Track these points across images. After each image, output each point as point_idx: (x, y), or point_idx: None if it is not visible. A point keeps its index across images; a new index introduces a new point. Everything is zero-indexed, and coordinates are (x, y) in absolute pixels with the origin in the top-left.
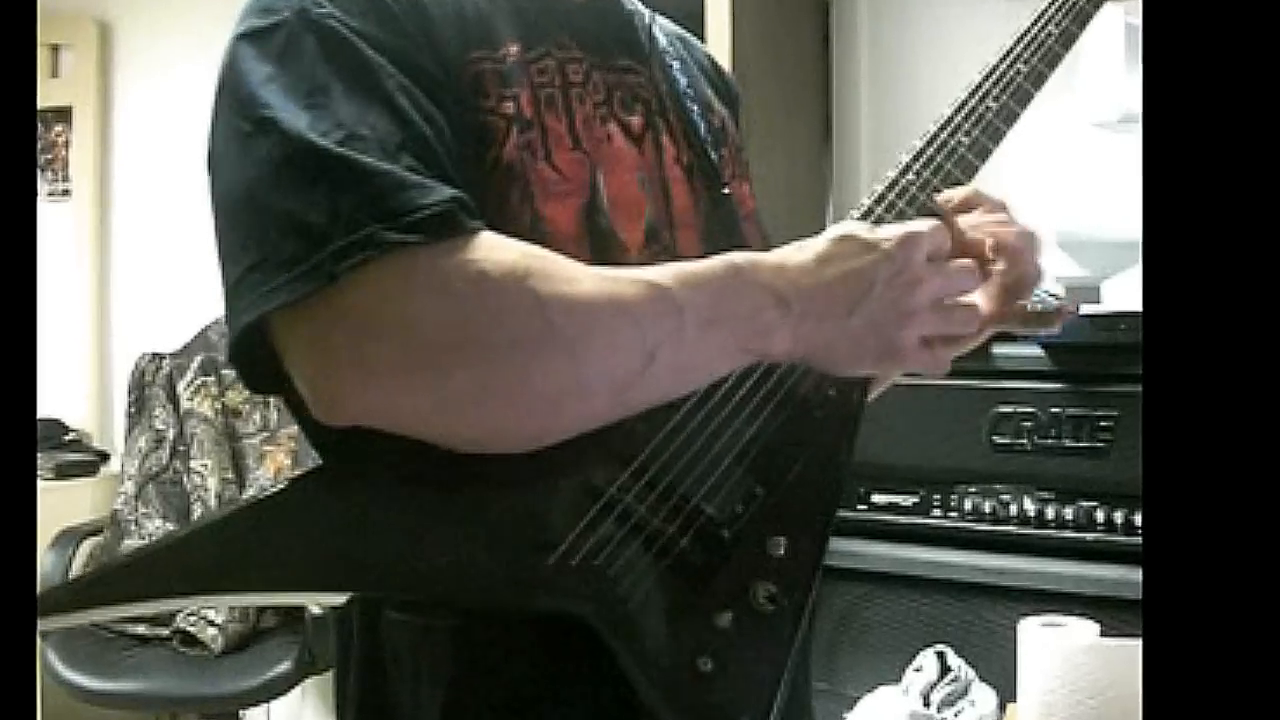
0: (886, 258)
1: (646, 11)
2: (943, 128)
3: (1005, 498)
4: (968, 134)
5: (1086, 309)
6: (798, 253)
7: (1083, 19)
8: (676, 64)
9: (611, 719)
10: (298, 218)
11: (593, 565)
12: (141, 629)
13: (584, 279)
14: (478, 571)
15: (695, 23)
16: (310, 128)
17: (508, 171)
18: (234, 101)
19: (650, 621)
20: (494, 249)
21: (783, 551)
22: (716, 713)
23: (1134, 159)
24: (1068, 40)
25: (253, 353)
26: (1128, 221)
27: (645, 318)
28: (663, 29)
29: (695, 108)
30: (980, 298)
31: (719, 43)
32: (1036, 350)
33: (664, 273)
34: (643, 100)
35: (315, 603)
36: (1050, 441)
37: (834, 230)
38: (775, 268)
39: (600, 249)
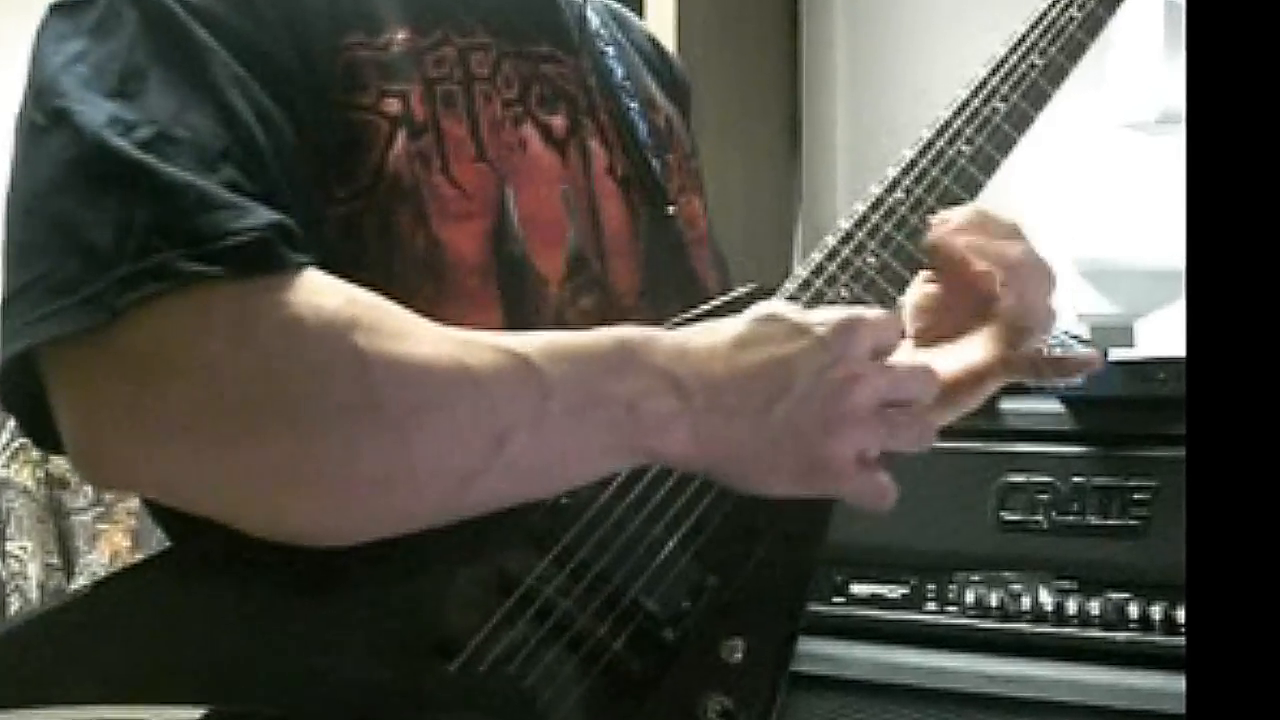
0: (819, 346)
1: None
2: (939, 134)
3: (1016, 588)
4: (970, 142)
5: (1116, 354)
6: (707, 334)
7: (1112, 1)
8: (611, 50)
9: None
10: (81, 234)
11: (504, 674)
12: None
13: (424, 338)
14: (360, 682)
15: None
16: (109, 125)
17: (393, 186)
18: (32, 86)
19: None
20: (315, 292)
21: (740, 656)
22: None
23: (1175, 167)
24: (1093, 26)
25: (23, 393)
26: (1168, 245)
27: (498, 394)
28: (594, 6)
29: (634, 105)
30: (985, 341)
31: (661, 23)
32: (1055, 406)
33: (530, 342)
34: (567, 96)
35: (161, 718)
36: (1072, 518)
37: (756, 309)
38: (676, 349)
39: (512, 283)
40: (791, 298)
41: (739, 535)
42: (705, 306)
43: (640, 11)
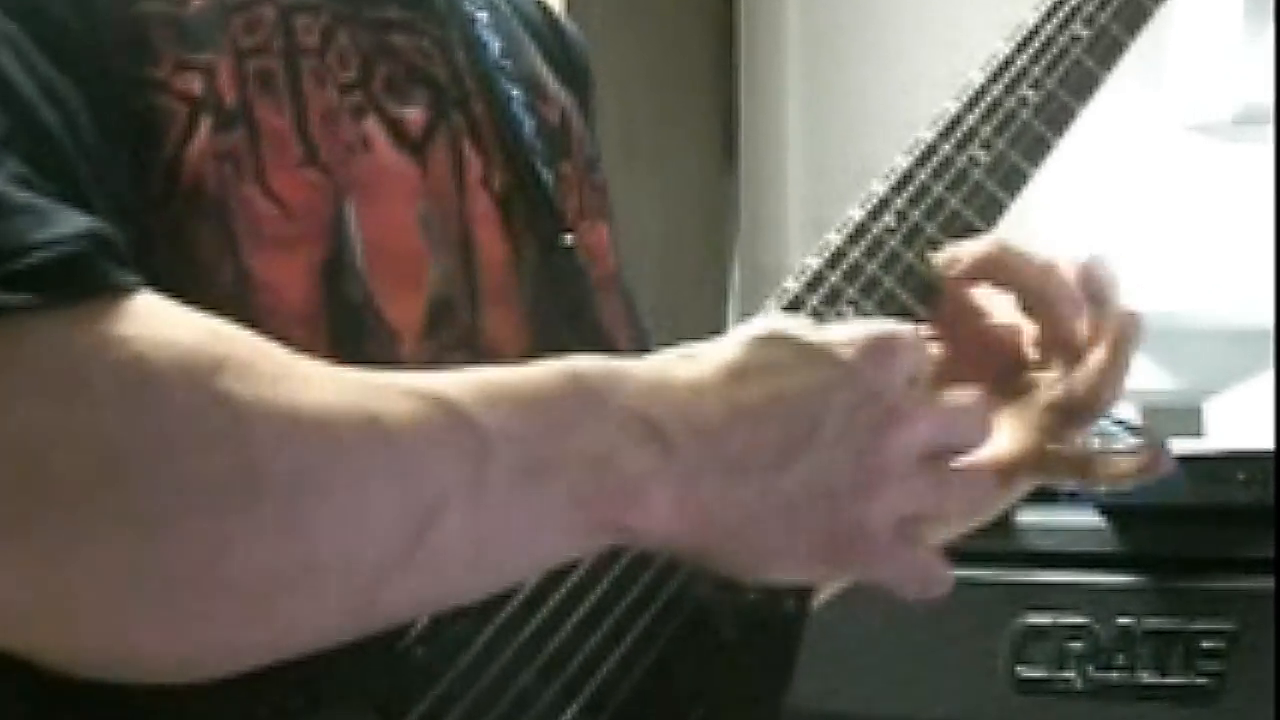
0: (846, 376)
1: None
2: (943, 134)
3: None
4: (988, 146)
5: (1178, 447)
6: (689, 363)
7: None
8: (484, 15)
9: None
10: None
11: None
12: None
13: (316, 382)
14: None
15: None
16: None
17: (192, 195)
18: None
19: None
20: (158, 321)
21: None
22: None
23: (1259, 179)
24: None
25: None
26: (1249, 293)
27: (423, 457)
28: None
29: (516, 92)
30: (1011, 426)
31: None
32: (1093, 519)
33: (460, 383)
34: (426, 80)
35: None
36: (1117, 675)
37: (755, 327)
38: (649, 385)
39: (351, 335)
40: None
41: (669, 697)
42: None
43: None
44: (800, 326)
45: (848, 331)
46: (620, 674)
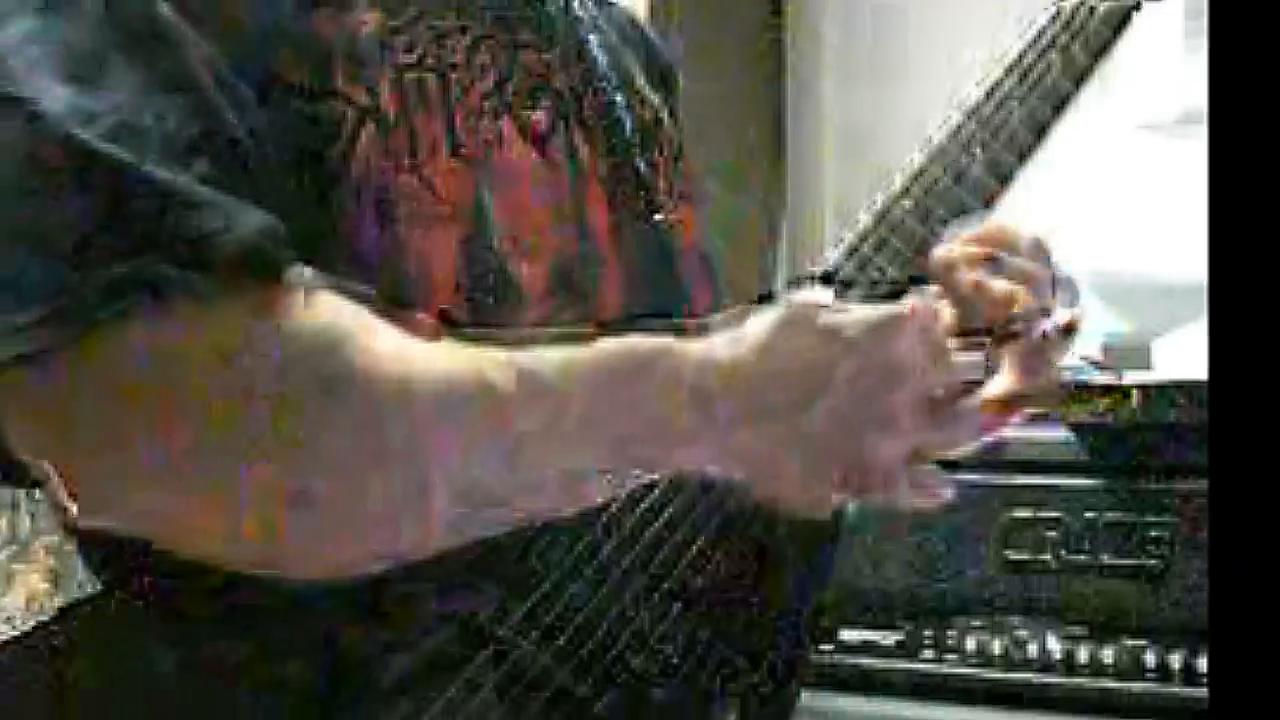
0: (847, 350)
1: None
2: (951, 137)
3: (1021, 635)
4: (985, 146)
5: (1132, 378)
6: (730, 344)
7: None
8: (593, 37)
9: None
10: (45, 239)
11: None
12: None
13: (434, 356)
14: None
15: None
16: (69, 113)
17: (357, 187)
18: None
19: None
20: (317, 303)
21: (734, 717)
22: None
23: (1196, 170)
24: (1118, 19)
25: None
26: (1188, 257)
27: (512, 412)
28: None
29: (619, 98)
30: (1003, 369)
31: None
32: (1064, 434)
33: (544, 357)
34: (549, 89)
35: None
36: (1083, 558)
37: (777, 313)
38: (698, 361)
39: (488, 297)
40: None
41: (733, 585)
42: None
43: None
44: (816, 310)
45: (855, 315)
46: (700, 557)
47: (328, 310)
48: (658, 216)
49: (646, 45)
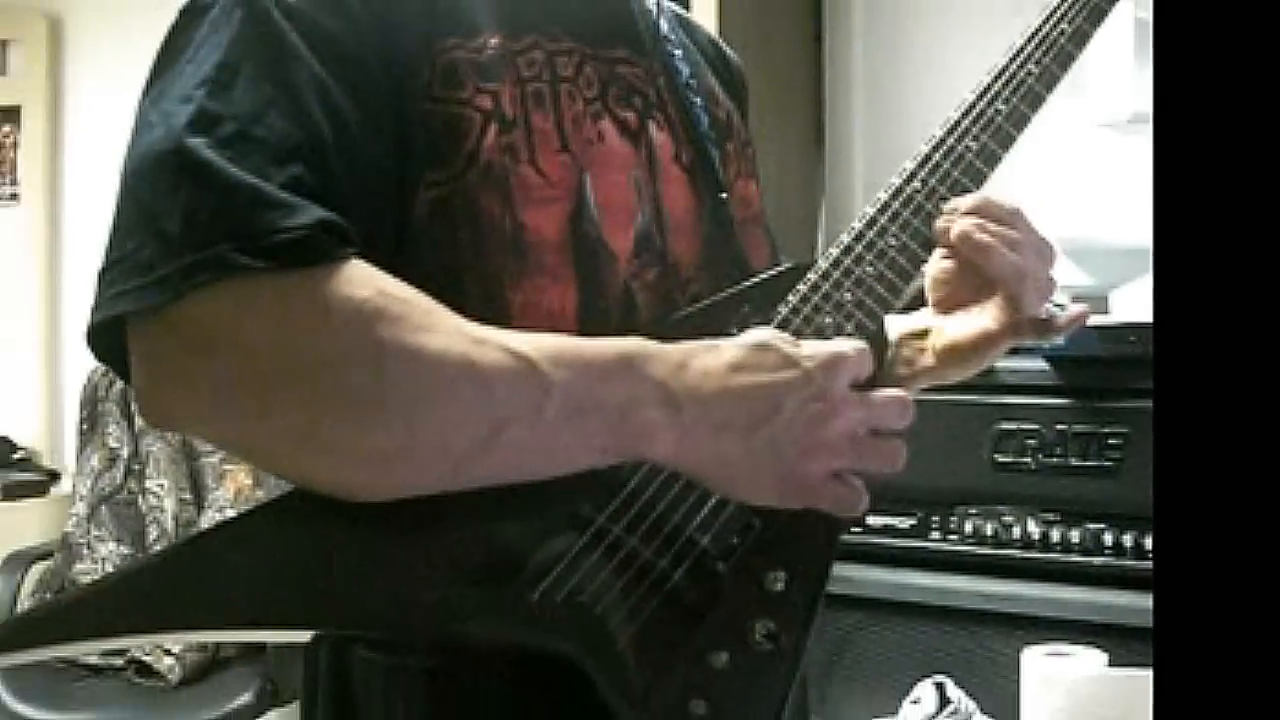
0: (804, 379)
1: None
2: (950, 132)
3: (1008, 520)
4: (976, 139)
5: (1094, 320)
6: (707, 353)
7: (1097, 16)
8: (679, 52)
9: None
10: (157, 222)
11: (578, 600)
12: (94, 659)
13: (440, 332)
14: (453, 607)
15: None
16: (191, 124)
17: (485, 173)
18: (151, 77)
19: (639, 662)
20: (349, 283)
21: (782, 586)
22: None
23: (1144, 161)
24: (1080, 39)
25: (110, 349)
26: (1137, 227)
27: (499, 390)
28: (664, 13)
29: (697, 100)
30: (994, 309)
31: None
32: (1041, 364)
33: (542, 345)
34: (640, 93)
35: (279, 641)
36: (1056, 460)
37: (752, 336)
38: (675, 365)
39: (587, 259)
40: (824, 274)
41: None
42: (750, 281)
43: None
44: (783, 341)
45: (812, 348)
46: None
47: (368, 289)
48: (725, 195)
49: (722, 59)
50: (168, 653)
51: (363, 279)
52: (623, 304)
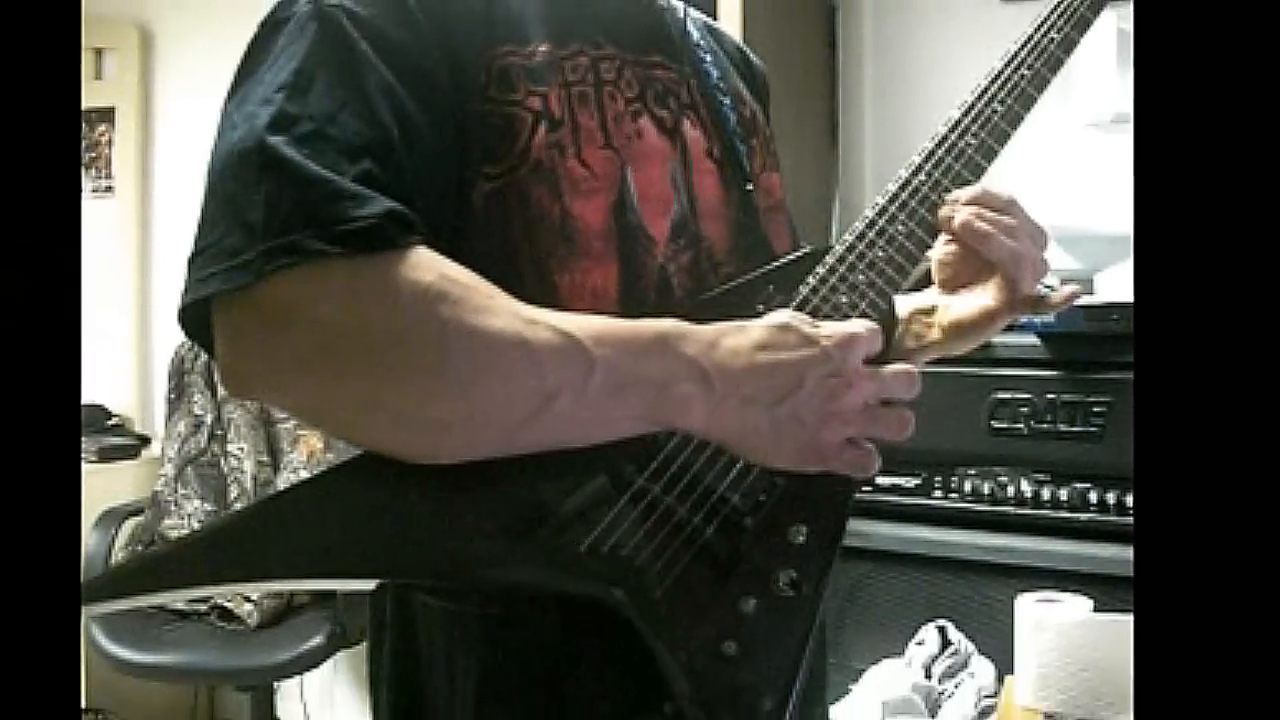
0: (823, 356)
1: (679, 5)
2: (951, 130)
3: (1003, 480)
4: (975, 136)
5: (1080, 300)
6: (736, 333)
7: (1083, 25)
8: (709, 57)
9: (639, 702)
10: (241, 213)
11: (621, 552)
12: (181, 605)
13: (497, 313)
14: (510, 558)
15: None
16: (270, 124)
17: (536, 168)
18: (234, 83)
19: (677, 608)
20: (415, 268)
21: (803, 539)
22: (741, 695)
23: (1125, 157)
24: (1068, 45)
25: (198, 327)
26: (1119, 217)
27: (548, 366)
28: (694, 21)
29: (726, 100)
30: (993, 288)
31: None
32: (1033, 340)
33: (587, 325)
34: (674, 94)
35: (347, 589)
36: (1046, 426)
37: (776, 317)
38: (707, 344)
39: (628, 244)
40: (840, 258)
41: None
42: (774, 264)
43: None
44: (804, 321)
45: (830, 328)
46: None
47: (432, 273)
48: (751, 186)
49: (747, 63)
50: (247, 599)
51: (428, 264)
52: (660, 284)
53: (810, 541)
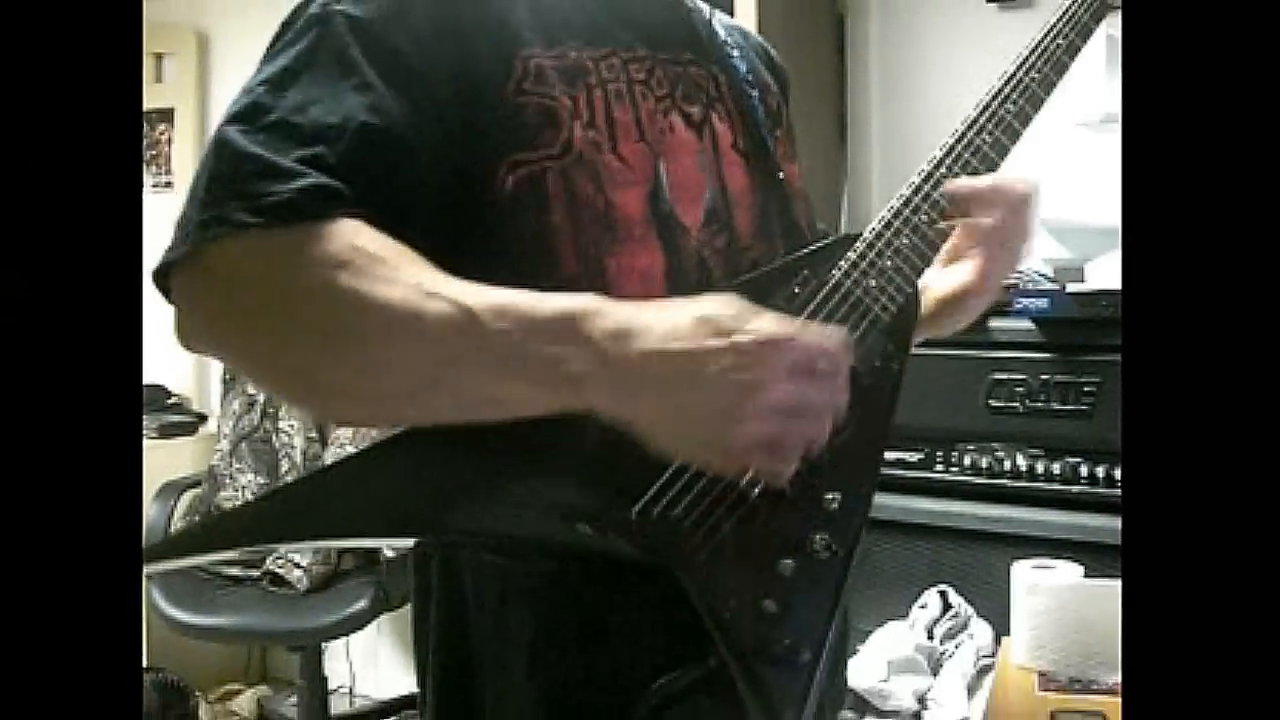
0: (731, 351)
1: (705, 7)
2: (969, 127)
3: (1000, 455)
4: (990, 133)
5: (1072, 288)
6: (658, 318)
7: (1086, 33)
8: (736, 52)
9: (685, 656)
10: (195, 191)
11: (671, 517)
12: (235, 570)
13: (398, 286)
14: (566, 520)
15: None
16: (237, 114)
17: (578, 160)
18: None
19: (722, 568)
20: (328, 239)
21: (836, 506)
22: (779, 648)
23: (1114, 154)
24: (1073, 51)
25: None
26: (1108, 210)
27: (437, 339)
28: (721, 21)
29: (754, 93)
30: (981, 254)
31: None
32: (1028, 324)
33: (492, 299)
34: (704, 90)
35: (390, 546)
36: (1040, 405)
37: (702, 306)
38: (615, 325)
39: (665, 231)
40: (870, 244)
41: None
42: (808, 249)
43: None
44: (732, 311)
45: (759, 323)
46: None
47: (342, 244)
48: (779, 174)
49: (770, 60)
50: (297, 565)
51: (342, 235)
52: (698, 267)
53: (842, 508)
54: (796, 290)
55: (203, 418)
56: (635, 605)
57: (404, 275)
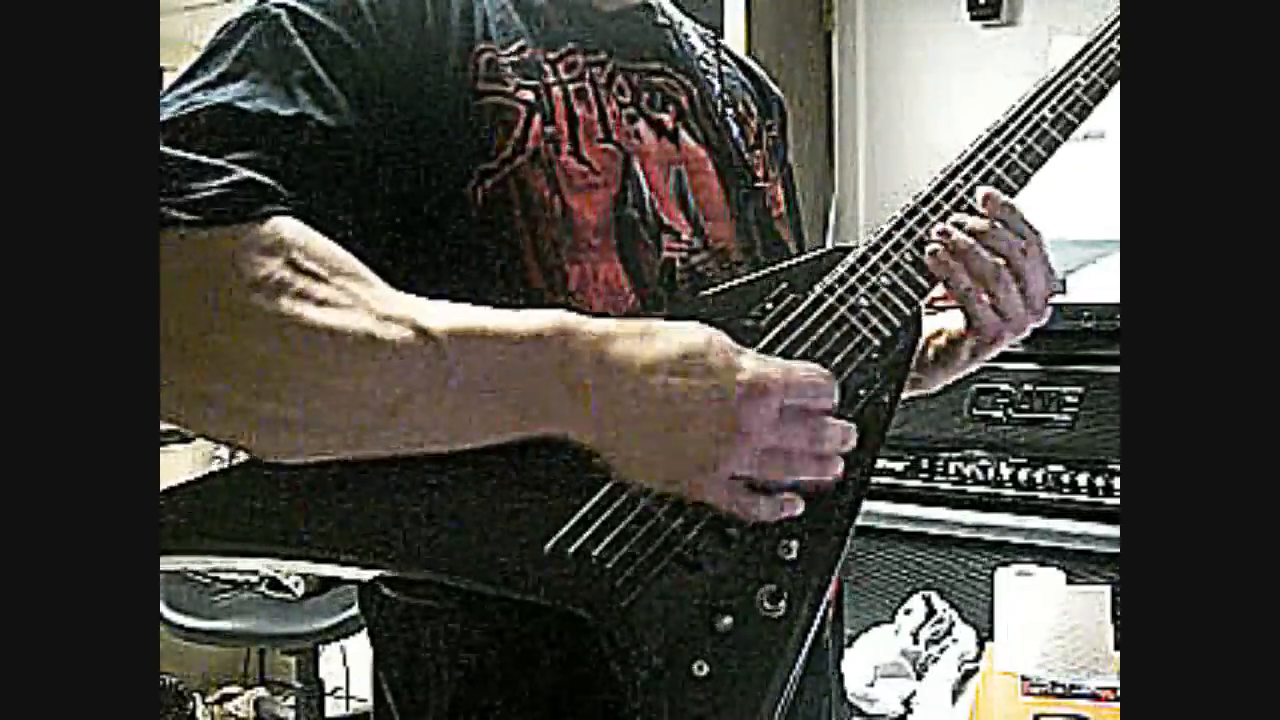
0: (720, 395)
1: (685, 20)
2: (996, 134)
3: (984, 463)
4: (1022, 141)
5: (1055, 299)
6: (640, 344)
7: (1101, 95)
8: (712, 69)
9: (608, 714)
10: None
11: (589, 556)
12: (234, 575)
13: (346, 307)
14: (466, 555)
15: None
16: (178, 103)
17: (533, 158)
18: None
19: (646, 620)
20: (264, 248)
21: (794, 555)
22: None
23: (1096, 168)
24: (1100, 94)
25: None
26: (1090, 223)
27: (396, 366)
28: (702, 38)
29: (730, 111)
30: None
31: None
32: None
33: (456, 322)
34: (673, 100)
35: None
36: (1023, 414)
37: (693, 339)
38: (597, 353)
39: (631, 239)
40: (861, 258)
41: None
42: (790, 263)
43: None
44: (722, 348)
45: (750, 365)
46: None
47: (278, 256)
48: (757, 186)
49: (757, 83)
50: (294, 570)
51: (280, 243)
52: (666, 277)
53: (802, 557)
54: (769, 306)
55: None
56: (539, 660)
57: (350, 295)
